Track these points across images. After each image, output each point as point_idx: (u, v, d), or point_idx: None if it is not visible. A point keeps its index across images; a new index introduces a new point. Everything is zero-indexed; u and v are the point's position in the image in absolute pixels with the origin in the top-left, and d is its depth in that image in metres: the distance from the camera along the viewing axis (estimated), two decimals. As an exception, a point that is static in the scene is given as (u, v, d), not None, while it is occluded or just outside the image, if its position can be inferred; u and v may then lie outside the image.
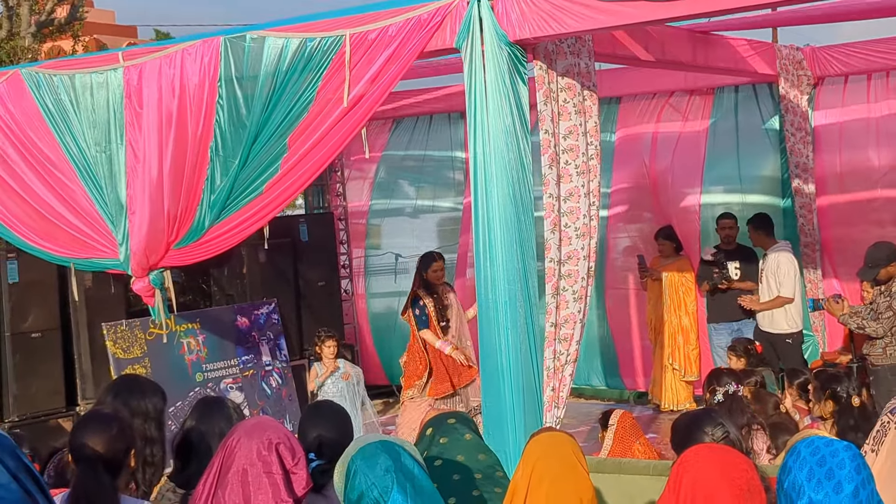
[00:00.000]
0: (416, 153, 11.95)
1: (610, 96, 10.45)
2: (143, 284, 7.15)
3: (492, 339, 5.98)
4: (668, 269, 10.27)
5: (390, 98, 6.46)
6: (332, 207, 11.99)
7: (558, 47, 6.31)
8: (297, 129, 6.46)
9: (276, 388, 9.59)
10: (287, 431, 3.05)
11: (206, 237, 6.97)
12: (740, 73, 9.14)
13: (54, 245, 7.53)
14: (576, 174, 6.35)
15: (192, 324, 9.11)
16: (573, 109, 6.36)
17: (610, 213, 10.79)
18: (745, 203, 10.13)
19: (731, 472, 2.74)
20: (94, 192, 7.24)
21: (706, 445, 3.04)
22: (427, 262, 8.90)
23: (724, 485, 2.71)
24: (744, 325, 9.48)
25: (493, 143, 5.92)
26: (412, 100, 10.95)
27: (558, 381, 6.31)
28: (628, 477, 5.28)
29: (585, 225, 6.40)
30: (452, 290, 9.04)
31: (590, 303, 6.73)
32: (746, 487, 2.73)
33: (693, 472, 2.76)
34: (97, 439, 3.34)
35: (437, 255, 9.06)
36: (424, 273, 8.83)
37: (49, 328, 8.77)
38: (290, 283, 10.40)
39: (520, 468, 3.19)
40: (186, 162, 6.81)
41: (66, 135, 7.32)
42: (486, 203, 5.96)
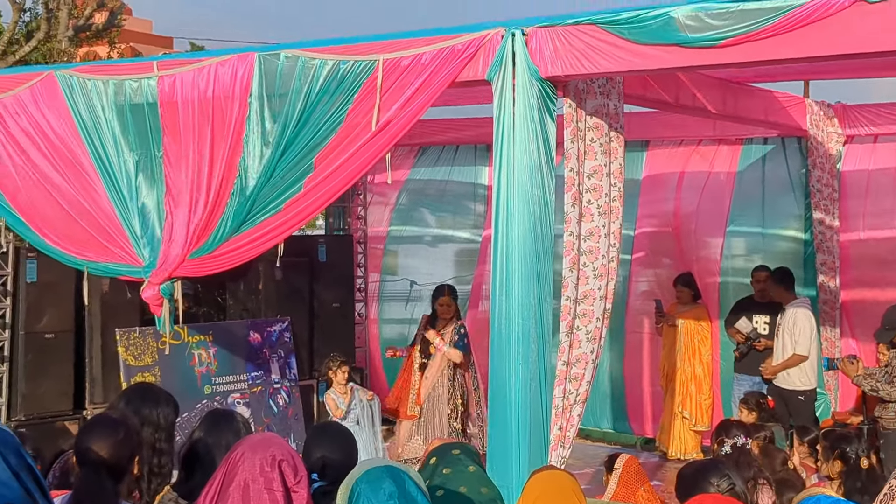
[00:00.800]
0: (439, 182, 11.98)
1: (637, 139, 10.46)
2: (152, 293, 7.15)
3: (503, 373, 5.97)
4: (685, 316, 10.24)
5: (417, 125, 6.48)
6: (353, 230, 12.01)
7: (589, 86, 6.34)
8: (325, 149, 6.49)
9: (282, 407, 9.59)
10: (291, 449, 3.06)
11: (220, 250, 7.00)
12: (770, 125, 9.15)
13: (71, 246, 7.56)
14: (597, 214, 6.36)
15: (204, 335, 9.13)
16: (599, 149, 6.38)
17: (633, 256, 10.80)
18: (766, 255, 10.10)
19: (733, 523, 2.73)
20: (115, 198, 7.28)
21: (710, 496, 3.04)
22: (435, 294, 9.10)
23: (725, 536, 2.70)
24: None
25: (517, 177, 5.94)
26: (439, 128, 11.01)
27: (566, 421, 6.29)
28: (630, 522, 5.25)
29: (604, 265, 6.41)
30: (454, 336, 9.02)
31: (604, 344, 6.72)
32: (748, 540, 2.72)
33: (695, 521, 2.75)
34: (102, 444, 3.35)
35: (449, 289, 9.12)
36: (433, 303, 9.01)
37: (63, 330, 8.79)
38: (304, 303, 10.41)
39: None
40: (214, 174, 6.85)
41: (95, 139, 7.38)
42: (507, 236, 5.97)
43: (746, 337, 9.52)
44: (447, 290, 9.14)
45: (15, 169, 7.69)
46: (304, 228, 14.66)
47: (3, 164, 7.73)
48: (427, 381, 8.94)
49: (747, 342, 9.54)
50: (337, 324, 10.78)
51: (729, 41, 5.43)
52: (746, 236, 10.35)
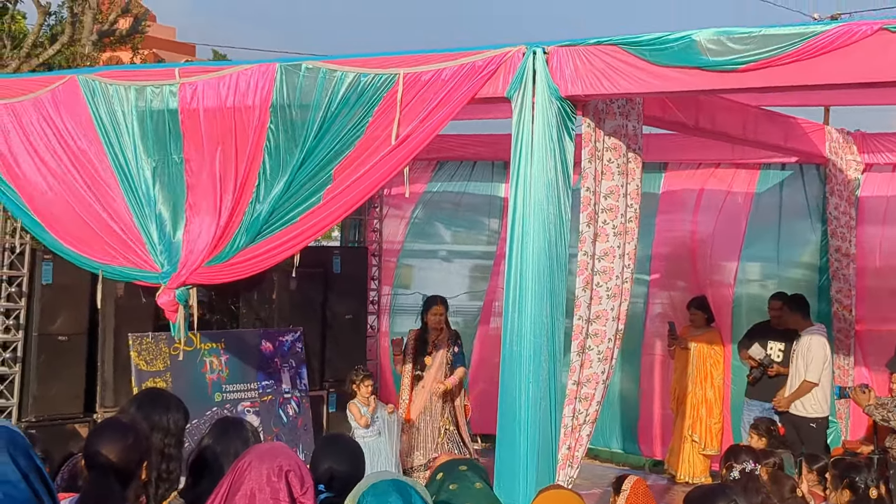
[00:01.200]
0: (455, 196, 12.00)
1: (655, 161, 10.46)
2: (168, 298, 7.17)
3: (513, 390, 5.96)
4: (698, 339, 10.23)
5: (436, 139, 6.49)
6: (368, 242, 12.02)
7: (608, 107, 6.35)
8: (343, 161, 6.51)
9: (292, 417, 9.59)
10: (299, 460, 3.06)
11: (237, 259, 7.01)
12: (789, 151, 9.14)
13: (87, 249, 7.58)
14: (613, 234, 6.37)
15: (216, 343, 9.15)
16: (616, 170, 6.38)
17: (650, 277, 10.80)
18: (781, 281, 10.08)
19: (739, 549, 2.72)
20: (133, 204, 7.30)
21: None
22: (427, 304, 9.13)
23: (730, 561, 2.69)
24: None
25: (534, 194, 5.95)
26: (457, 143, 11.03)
27: (575, 441, 6.28)
28: (636, 544, 5.23)
29: (618, 286, 6.41)
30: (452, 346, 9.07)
31: (615, 365, 6.71)
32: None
33: (700, 546, 2.74)
34: (111, 448, 3.36)
35: (441, 300, 9.17)
36: (425, 315, 9.03)
37: (76, 332, 8.80)
38: (317, 314, 10.42)
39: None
40: (234, 182, 6.87)
41: (115, 144, 7.41)
42: (521, 254, 5.97)
43: (759, 363, 9.50)
44: (440, 300, 9.18)
45: (33, 171, 7.72)
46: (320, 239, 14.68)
47: (21, 166, 7.76)
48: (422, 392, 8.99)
49: (760, 368, 9.52)
50: (349, 335, 10.78)
51: (750, 65, 5.44)
52: (761, 261, 10.34)
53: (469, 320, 11.76)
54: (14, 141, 7.78)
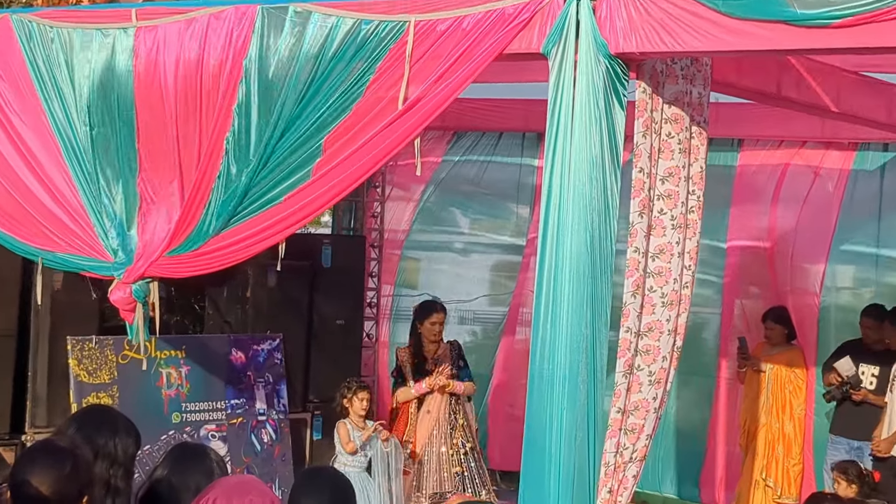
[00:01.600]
0: (475, 176, 12.00)
1: (725, 136, 10.44)
2: (122, 294, 7.18)
3: (542, 418, 5.96)
4: (775, 360, 10.21)
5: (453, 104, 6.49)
6: (366, 230, 12.03)
7: (669, 68, 6.34)
8: (338, 128, 6.50)
9: (267, 445, 9.62)
10: (275, 498, 3.09)
11: (206, 247, 7.01)
12: (893, 128, 9.10)
13: (21, 232, 7.57)
14: (671, 227, 6.36)
15: (176, 351, 9.17)
16: (677, 147, 6.38)
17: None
18: (879, 289, 10.07)
19: None
20: (78, 176, 7.30)
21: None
22: (425, 311, 9.10)
23: None
24: (866, 445, 9.38)
25: (573, 175, 5.93)
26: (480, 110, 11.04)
27: (618, 483, 6.29)
28: None
29: (675, 291, 6.40)
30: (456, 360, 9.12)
31: (670, 390, 6.71)
32: None
33: None
34: (45, 477, 3.38)
35: (441, 306, 9.19)
36: (419, 324, 9.04)
37: (2, 334, 8.78)
38: (301, 317, 10.42)
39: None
40: (200, 153, 6.88)
41: (55, 102, 7.40)
42: (556, 249, 5.96)
43: (843, 381, 9.49)
44: (441, 306, 9.22)
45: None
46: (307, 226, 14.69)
47: None
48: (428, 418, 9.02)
49: (842, 388, 9.50)
50: (340, 345, 10.78)
51: (847, 21, 5.41)
52: (856, 263, 10.31)
53: (489, 330, 11.78)
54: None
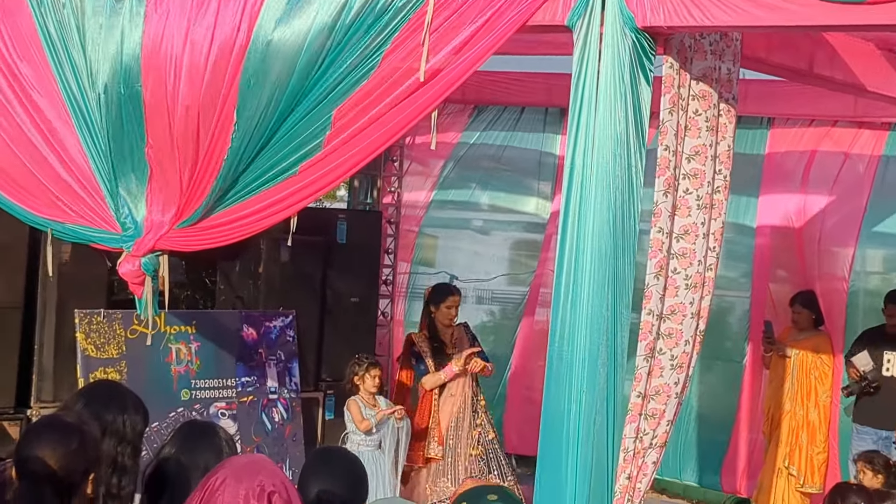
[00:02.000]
0: (495, 152, 11.98)
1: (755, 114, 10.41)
2: (131, 267, 7.18)
3: (560, 401, 5.96)
4: (801, 345, 10.19)
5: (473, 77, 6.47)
6: (382, 206, 12.03)
7: (697, 43, 6.32)
8: (350, 100, 6.48)
9: (278, 424, 9.65)
10: (285, 478, 3.09)
11: (217, 220, 7.02)
12: (929, 107, 9.06)
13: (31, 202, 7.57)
14: (696, 207, 6.35)
15: (186, 326, 9.19)
16: (704, 125, 6.35)
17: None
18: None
19: None
20: (89, 146, 7.30)
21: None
22: (440, 294, 9.09)
23: None
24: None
25: (597, 152, 5.92)
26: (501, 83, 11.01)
27: (637, 469, 6.29)
28: None
29: (700, 274, 6.39)
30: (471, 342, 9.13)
31: (693, 375, 6.70)
32: None
33: None
34: (50, 453, 3.40)
35: (455, 288, 9.19)
36: (434, 308, 9.01)
37: (9, 306, 8.83)
38: (315, 294, 10.43)
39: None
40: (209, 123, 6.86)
41: (66, 67, 7.39)
42: (578, 228, 5.96)
43: (861, 376, 9.49)
44: (456, 289, 9.23)
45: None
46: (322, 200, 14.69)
47: None
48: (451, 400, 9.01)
49: (861, 383, 9.50)
50: (354, 323, 10.80)
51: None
52: (886, 247, 10.28)
53: (508, 311, 11.79)
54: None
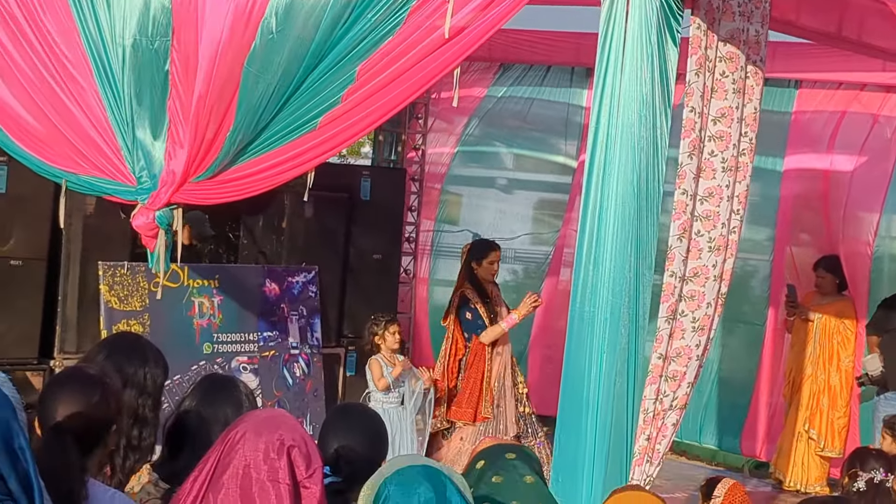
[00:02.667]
0: (521, 110, 11.95)
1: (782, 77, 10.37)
2: (145, 220, 7.17)
3: (580, 361, 5.98)
4: (824, 309, 10.19)
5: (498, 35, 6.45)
6: (406, 163, 12.02)
7: (726, 4, 6.29)
8: (374, 56, 6.47)
9: (299, 379, 9.69)
10: (305, 433, 3.11)
11: (233, 174, 6.99)
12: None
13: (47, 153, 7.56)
14: (721, 170, 6.33)
15: (208, 280, 9.22)
16: (731, 87, 6.33)
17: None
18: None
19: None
20: (108, 98, 7.29)
21: (830, 542, 3.05)
22: (482, 250, 9.05)
23: None
24: None
25: (622, 113, 5.91)
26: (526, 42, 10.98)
27: (656, 430, 6.31)
28: (726, 566, 5.28)
29: (723, 237, 6.38)
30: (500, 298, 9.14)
31: (714, 337, 6.70)
32: None
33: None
34: (73, 405, 3.42)
35: (496, 244, 9.17)
36: (476, 264, 8.97)
37: (34, 257, 8.85)
38: (337, 251, 10.45)
39: (592, 530, 3.21)
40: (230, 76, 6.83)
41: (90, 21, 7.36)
42: (602, 188, 5.96)
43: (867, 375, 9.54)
44: (497, 244, 9.20)
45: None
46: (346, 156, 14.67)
47: None
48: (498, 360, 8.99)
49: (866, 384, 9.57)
50: (377, 280, 10.82)
51: (913, -40, 5.36)
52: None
53: (531, 270, 11.80)
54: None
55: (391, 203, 11.14)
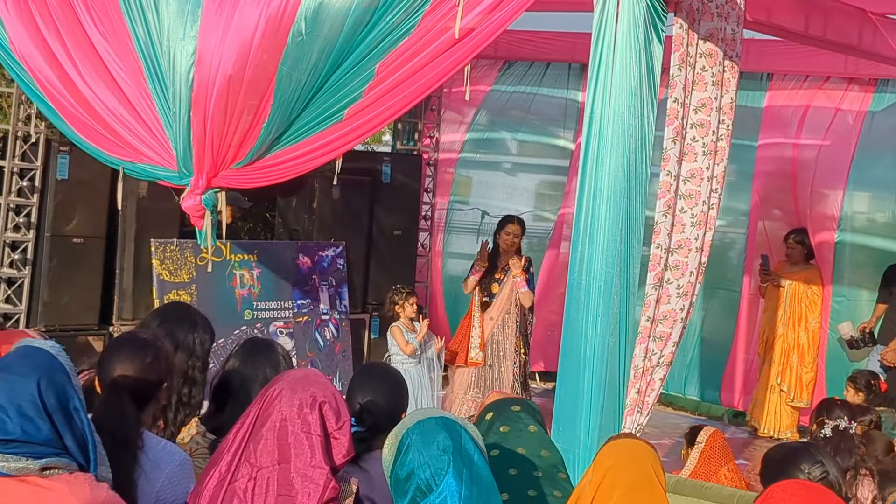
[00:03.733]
0: (524, 102, 11.93)
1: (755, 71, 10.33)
2: (193, 202, 7.16)
3: (578, 324, 5.98)
4: (794, 276, 10.18)
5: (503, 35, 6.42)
6: (422, 149, 12.01)
7: (705, 6, 6.25)
8: (392, 54, 6.45)
9: (329, 341, 9.71)
10: (335, 390, 3.11)
11: (269, 161, 6.99)
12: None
13: (105, 143, 7.56)
14: (702, 153, 6.31)
15: (248, 255, 9.24)
16: (710, 80, 6.30)
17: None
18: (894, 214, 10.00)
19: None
20: (157, 94, 7.26)
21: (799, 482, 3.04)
22: (501, 223, 9.17)
23: (810, 528, 2.70)
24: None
25: (613, 103, 5.89)
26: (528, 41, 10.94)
27: (645, 384, 6.30)
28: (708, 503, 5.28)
29: (703, 213, 6.36)
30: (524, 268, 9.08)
31: (696, 302, 6.69)
32: (836, 536, 2.72)
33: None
34: (129, 365, 3.43)
35: (518, 219, 9.16)
36: (498, 235, 9.03)
37: (93, 235, 8.89)
38: (362, 228, 10.47)
39: (589, 473, 3.20)
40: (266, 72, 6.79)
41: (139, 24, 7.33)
42: (596, 170, 5.94)
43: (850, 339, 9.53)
44: (517, 219, 9.18)
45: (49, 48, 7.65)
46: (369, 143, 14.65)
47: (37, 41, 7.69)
48: (490, 324, 9.01)
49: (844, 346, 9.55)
50: (397, 254, 10.85)
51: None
52: (872, 190, 10.20)
53: (534, 244, 11.77)
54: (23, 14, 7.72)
55: (409, 185, 11.16)
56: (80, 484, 2.73)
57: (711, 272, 8.95)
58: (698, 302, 6.95)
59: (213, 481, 3.02)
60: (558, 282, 10.69)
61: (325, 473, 2.96)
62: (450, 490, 2.78)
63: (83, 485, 2.73)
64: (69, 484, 2.70)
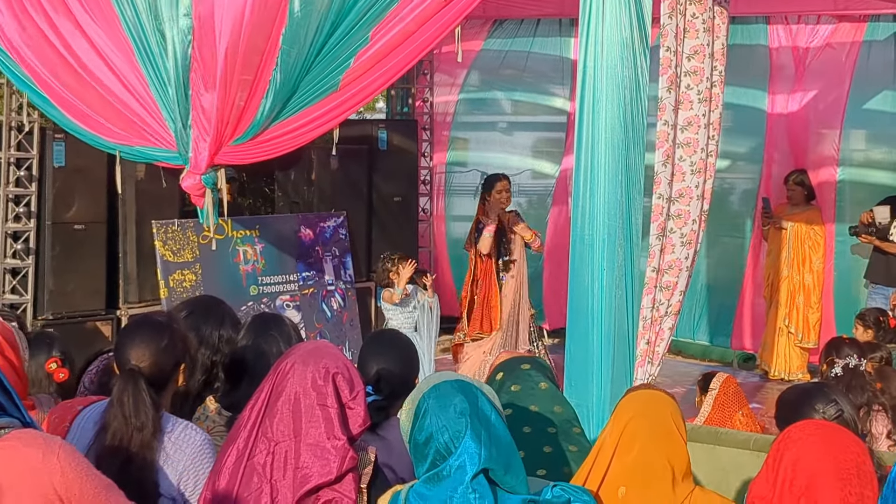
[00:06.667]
0: (516, 60, 11.89)
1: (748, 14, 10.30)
2: (193, 181, 7.16)
3: (584, 279, 5.98)
4: (796, 218, 10.17)
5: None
6: (417, 114, 11.98)
7: (693, -48, 6.23)
8: (384, 20, 6.44)
9: (337, 311, 9.73)
10: (346, 360, 3.12)
11: (267, 135, 6.97)
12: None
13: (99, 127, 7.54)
14: (697, 101, 6.29)
15: (250, 230, 9.25)
16: (702, 26, 6.28)
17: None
18: (891, 148, 9.98)
19: (839, 453, 2.74)
20: (150, 75, 7.24)
21: (815, 422, 3.05)
22: (490, 182, 9.01)
23: (829, 466, 2.72)
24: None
25: (606, 56, 5.87)
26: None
27: (655, 335, 6.32)
28: (725, 449, 5.30)
29: (702, 160, 6.36)
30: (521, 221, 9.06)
31: (700, 249, 6.70)
32: (855, 472, 2.74)
33: (796, 450, 2.77)
34: (144, 349, 3.44)
35: (503, 175, 9.11)
36: (487, 195, 8.91)
37: (94, 221, 8.90)
38: (362, 196, 10.47)
39: (609, 425, 3.20)
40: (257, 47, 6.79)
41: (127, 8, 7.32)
42: (593, 124, 5.93)
43: (871, 222, 9.38)
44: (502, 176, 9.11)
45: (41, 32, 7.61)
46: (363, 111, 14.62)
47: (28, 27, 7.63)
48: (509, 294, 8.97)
49: (869, 228, 9.41)
50: (398, 220, 10.85)
51: None
52: (868, 127, 10.19)
53: (534, 202, 11.78)
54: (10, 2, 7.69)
55: (406, 150, 11.14)
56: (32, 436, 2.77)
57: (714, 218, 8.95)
58: (702, 249, 6.95)
59: (231, 458, 3.04)
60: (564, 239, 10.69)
61: (341, 444, 2.98)
62: (469, 452, 2.80)
63: (35, 436, 2.77)
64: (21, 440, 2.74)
